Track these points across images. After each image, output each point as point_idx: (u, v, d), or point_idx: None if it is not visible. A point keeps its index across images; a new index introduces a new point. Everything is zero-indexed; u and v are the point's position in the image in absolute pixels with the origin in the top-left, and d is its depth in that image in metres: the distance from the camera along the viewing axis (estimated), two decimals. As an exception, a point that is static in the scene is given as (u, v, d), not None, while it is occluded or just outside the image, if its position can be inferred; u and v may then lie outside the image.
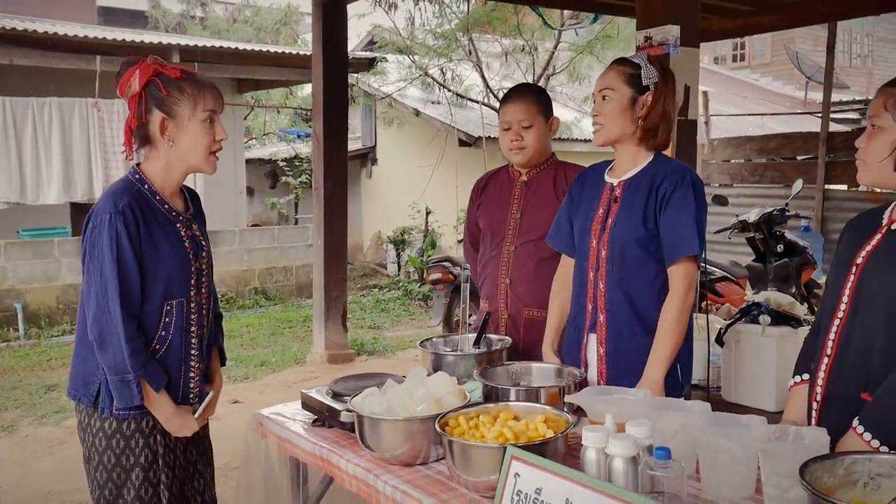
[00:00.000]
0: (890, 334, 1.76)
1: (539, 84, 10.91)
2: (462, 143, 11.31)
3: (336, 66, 6.59)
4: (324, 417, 2.29)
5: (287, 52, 9.83)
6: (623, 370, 2.38)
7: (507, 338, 2.70)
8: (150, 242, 2.13)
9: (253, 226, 12.00)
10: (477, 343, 2.67)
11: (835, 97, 12.12)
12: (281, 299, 10.14)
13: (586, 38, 10.15)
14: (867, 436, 1.73)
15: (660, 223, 2.35)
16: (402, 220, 11.89)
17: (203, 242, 2.30)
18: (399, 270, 11.54)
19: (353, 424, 2.14)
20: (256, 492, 2.45)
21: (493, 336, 2.74)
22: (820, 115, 8.73)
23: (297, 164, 12.91)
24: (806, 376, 2.01)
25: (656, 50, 3.62)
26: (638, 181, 2.41)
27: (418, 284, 10.48)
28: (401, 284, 10.83)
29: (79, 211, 9.35)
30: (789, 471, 1.58)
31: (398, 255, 11.73)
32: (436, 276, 6.06)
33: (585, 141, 11.40)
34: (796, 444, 1.67)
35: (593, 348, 2.46)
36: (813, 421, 1.92)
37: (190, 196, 2.35)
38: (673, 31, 3.55)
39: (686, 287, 2.33)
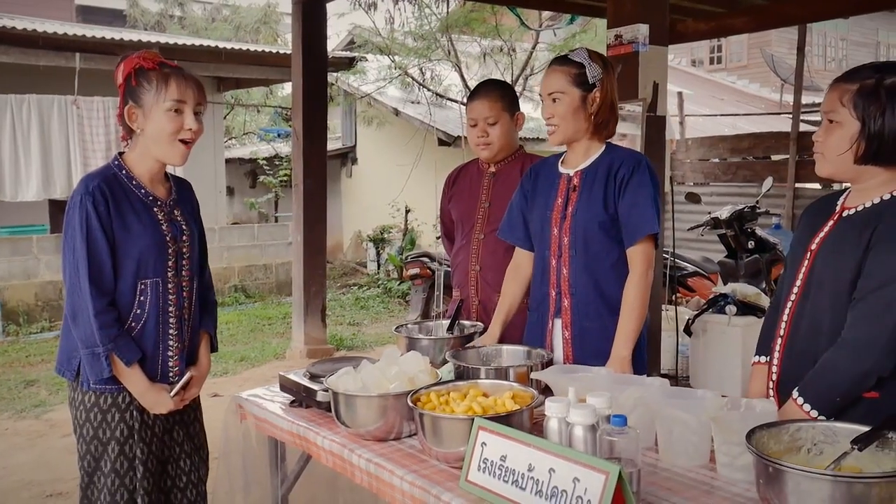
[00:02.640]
0: (835, 315, 1.86)
1: (517, 84, 11.05)
2: (441, 143, 11.40)
3: (316, 65, 6.66)
4: (301, 398, 2.37)
5: (267, 50, 9.86)
6: (589, 351, 2.48)
7: (479, 323, 2.79)
8: (120, 222, 2.22)
9: (233, 224, 12.02)
10: (450, 329, 2.76)
11: (808, 99, 12.31)
12: (261, 297, 10.18)
13: (564, 39, 10.27)
14: (806, 406, 1.84)
15: (619, 207, 2.45)
16: (382, 219, 11.96)
17: (184, 227, 2.37)
18: (379, 269, 11.61)
19: (329, 404, 2.22)
20: (236, 472, 2.53)
21: (465, 322, 2.83)
22: (791, 115, 8.91)
23: (277, 163, 12.95)
24: (763, 358, 2.11)
25: (626, 48, 3.74)
26: (595, 169, 2.51)
27: (398, 282, 10.55)
28: (380, 282, 10.90)
29: (58, 208, 9.33)
30: (739, 439, 1.68)
31: (378, 254, 11.80)
32: (414, 271, 6.15)
33: (563, 141, 11.53)
34: (746, 413, 1.77)
35: (559, 332, 2.56)
36: (772, 398, 2.02)
37: (178, 184, 2.43)
38: (642, 30, 3.66)
39: (647, 265, 2.44)
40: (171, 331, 2.31)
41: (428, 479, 1.81)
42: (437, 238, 8.94)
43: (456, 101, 11.44)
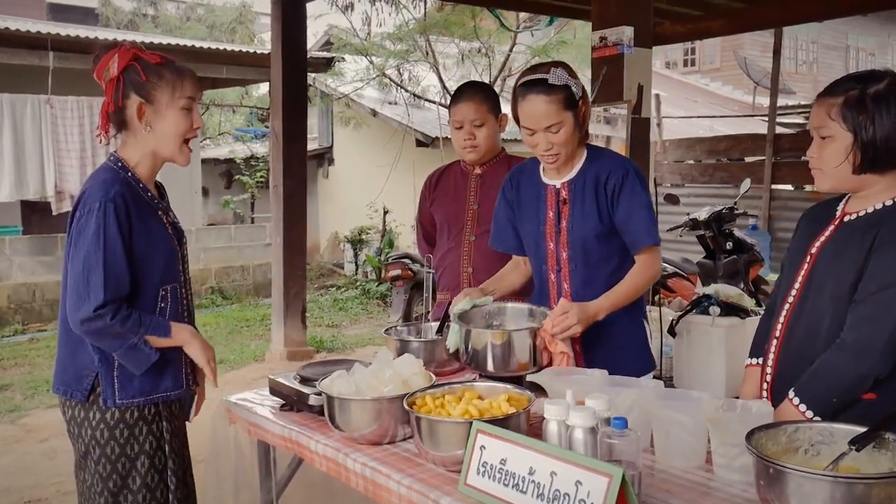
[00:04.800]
0: (834, 318, 1.89)
1: (495, 85, 11.06)
2: (419, 144, 11.39)
3: (295, 65, 6.62)
4: (292, 402, 2.35)
5: (245, 50, 9.79)
6: (600, 363, 2.37)
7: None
8: (143, 228, 2.13)
9: (209, 225, 11.91)
10: (440, 332, 2.75)
11: (781, 101, 12.48)
12: (238, 298, 10.10)
13: (542, 40, 10.31)
14: (802, 407, 1.86)
15: (615, 218, 2.42)
16: (360, 220, 11.92)
17: (182, 230, 2.34)
18: (357, 270, 11.56)
19: (321, 408, 2.20)
20: (225, 477, 2.50)
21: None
22: (766, 118, 9.02)
23: (254, 163, 12.86)
24: (757, 360, 2.13)
25: (611, 50, 3.75)
26: (582, 180, 2.46)
27: (376, 283, 10.52)
28: (359, 284, 10.86)
29: (30, 209, 9.19)
30: (737, 440, 1.69)
31: (356, 255, 11.75)
32: (395, 272, 6.13)
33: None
34: (743, 415, 1.78)
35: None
36: (765, 400, 2.04)
37: (161, 186, 2.38)
38: (627, 32, 3.68)
39: (654, 269, 2.44)
40: None
41: (425, 483, 1.80)
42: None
43: (434, 102, 11.44)
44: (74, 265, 2.07)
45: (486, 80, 11.18)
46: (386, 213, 11.47)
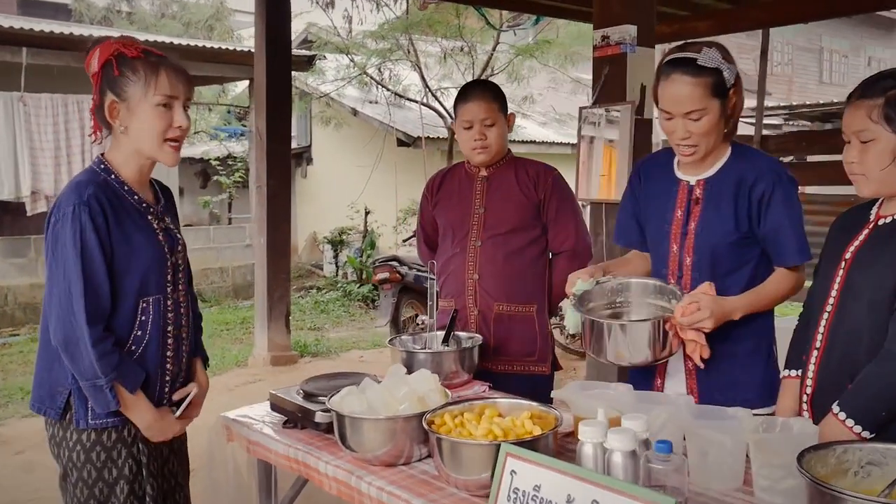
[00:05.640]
0: (874, 325, 1.80)
1: (479, 84, 10.95)
2: (401, 143, 11.27)
3: (279, 63, 6.46)
4: (296, 419, 2.22)
5: (226, 48, 9.61)
6: (717, 384, 2.18)
7: (476, 335, 2.67)
8: (121, 234, 1.98)
9: (186, 226, 11.68)
10: (446, 341, 2.63)
11: (756, 103, 12.44)
12: (217, 301, 9.90)
13: (525, 39, 10.22)
14: (850, 422, 1.76)
15: (761, 229, 2.14)
16: (339, 221, 11.75)
17: (178, 236, 2.18)
18: (337, 271, 11.40)
19: (328, 425, 2.08)
20: (223, 496, 2.36)
21: (461, 333, 2.70)
22: (748, 119, 8.99)
23: (231, 162, 12.62)
24: (795, 372, 2.04)
25: (613, 49, 3.65)
26: (721, 180, 2.17)
27: (357, 285, 10.37)
28: (339, 285, 10.69)
29: (2, 210, 8.93)
30: (781, 461, 1.60)
31: (336, 256, 11.58)
32: (383, 275, 5.99)
33: (523, 142, 11.51)
34: (786, 434, 1.68)
35: (677, 361, 2.21)
36: (805, 413, 1.94)
37: (161, 189, 2.23)
38: (630, 31, 3.58)
39: (799, 283, 2.18)
40: (168, 353, 2.11)
41: (449, 510, 1.68)
42: (404, 241, 8.76)
43: (416, 102, 11.31)
44: (56, 278, 1.94)
45: (469, 79, 11.07)
46: (367, 213, 11.32)
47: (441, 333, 2.66)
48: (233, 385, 6.09)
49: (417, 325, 6.05)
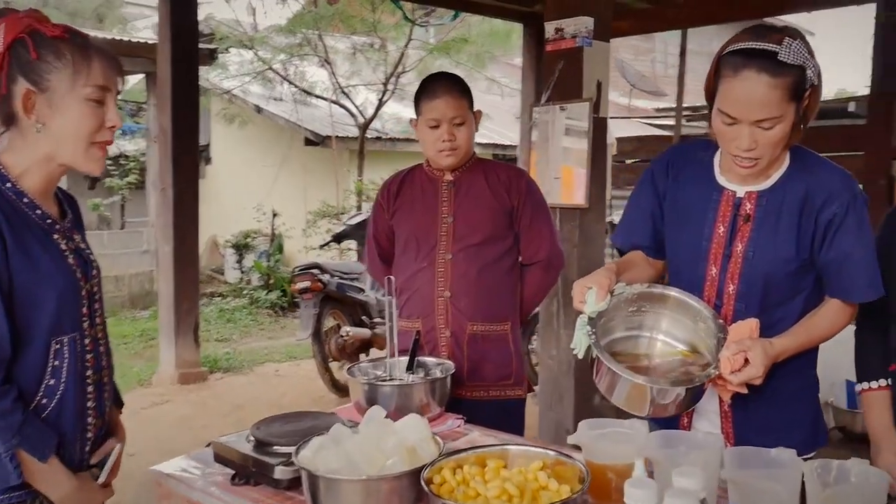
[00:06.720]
0: None
1: (389, 82, 10.63)
2: (309, 142, 10.80)
3: (185, 55, 5.94)
4: (248, 473, 1.84)
5: (119, 38, 8.92)
6: (758, 426, 1.86)
7: (446, 361, 2.35)
8: (24, 259, 1.57)
9: (75, 231, 10.85)
10: (410, 368, 2.31)
11: (655, 104, 12.66)
12: (112, 312, 9.18)
13: (438, 36, 9.96)
14: None
15: (823, 257, 1.79)
16: (243, 224, 11.15)
17: (92, 258, 1.77)
18: (241, 277, 10.81)
19: (289, 482, 1.74)
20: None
21: (428, 359, 2.38)
22: (643, 120, 9.05)
23: (123, 162, 11.83)
24: (883, 382, 1.83)
25: (568, 42, 3.40)
26: (781, 194, 1.80)
27: (265, 291, 9.85)
28: (245, 292, 10.13)
29: None
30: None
31: (240, 261, 10.98)
32: (304, 284, 5.57)
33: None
34: (859, 486, 1.45)
35: (711, 400, 1.88)
36: None
37: (66, 199, 1.81)
38: (587, 23, 3.33)
39: (850, 320, 1.86)
40: (89, 403, 1.70)
41: None
42: (320, 247, 8.31)
43: (324, 99, 10.87)
44: None
45: (381, 76, 10.75)
46: (275, 215, 10.79)
47: (404, 360, 2.33)
48: (138, 408, 5.53)
49: (341, 336, 5.66)
